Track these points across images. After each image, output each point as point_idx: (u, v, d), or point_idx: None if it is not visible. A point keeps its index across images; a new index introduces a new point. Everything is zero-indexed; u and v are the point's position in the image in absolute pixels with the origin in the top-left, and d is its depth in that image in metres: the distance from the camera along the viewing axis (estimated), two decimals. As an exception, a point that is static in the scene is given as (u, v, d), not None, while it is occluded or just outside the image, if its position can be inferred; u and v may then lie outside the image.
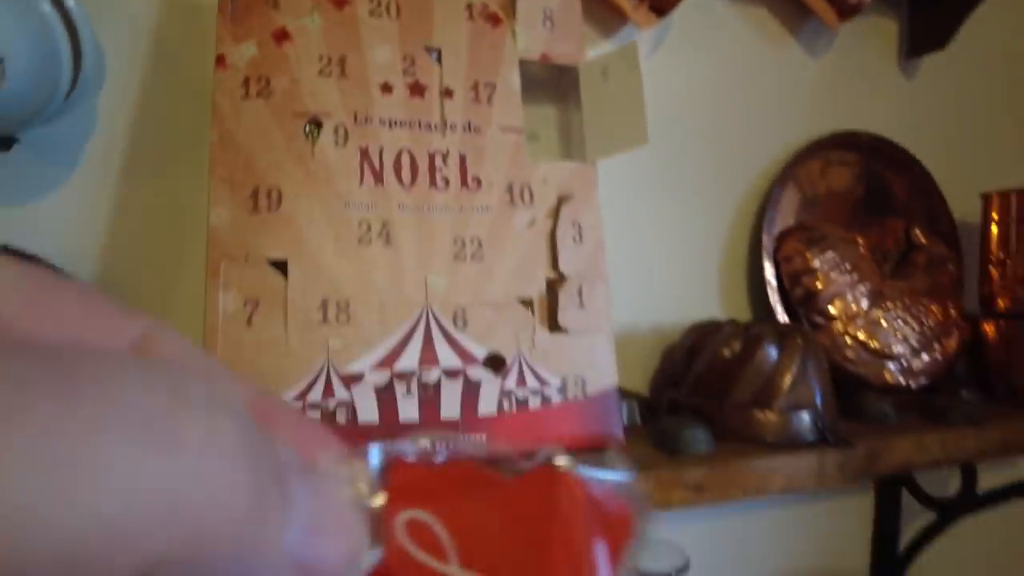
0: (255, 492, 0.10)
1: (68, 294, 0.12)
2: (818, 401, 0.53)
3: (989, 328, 0.68)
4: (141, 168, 0.51)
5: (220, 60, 0.44)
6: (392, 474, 0.13)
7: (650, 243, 0.65)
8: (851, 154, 0.73)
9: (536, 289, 0.47)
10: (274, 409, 0.13)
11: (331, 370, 0.42)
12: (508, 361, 0.45)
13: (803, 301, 0.64)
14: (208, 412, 0.10)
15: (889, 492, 0.76)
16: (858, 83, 0.73)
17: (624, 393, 0.58)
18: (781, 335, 0.55)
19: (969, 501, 0.67)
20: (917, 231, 0.71)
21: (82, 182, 0.51)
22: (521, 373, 0.46)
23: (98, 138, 0.51)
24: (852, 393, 0.61)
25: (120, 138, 0.51)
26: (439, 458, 0.14)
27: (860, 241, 0.69)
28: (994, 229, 0.68)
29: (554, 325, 0.47)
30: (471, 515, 0.13)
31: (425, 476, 0.13)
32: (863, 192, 0.74)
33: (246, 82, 0.44)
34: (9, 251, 0.51)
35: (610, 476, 0.14)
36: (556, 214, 0.48)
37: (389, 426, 0.42)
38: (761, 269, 0.65)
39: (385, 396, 0.43)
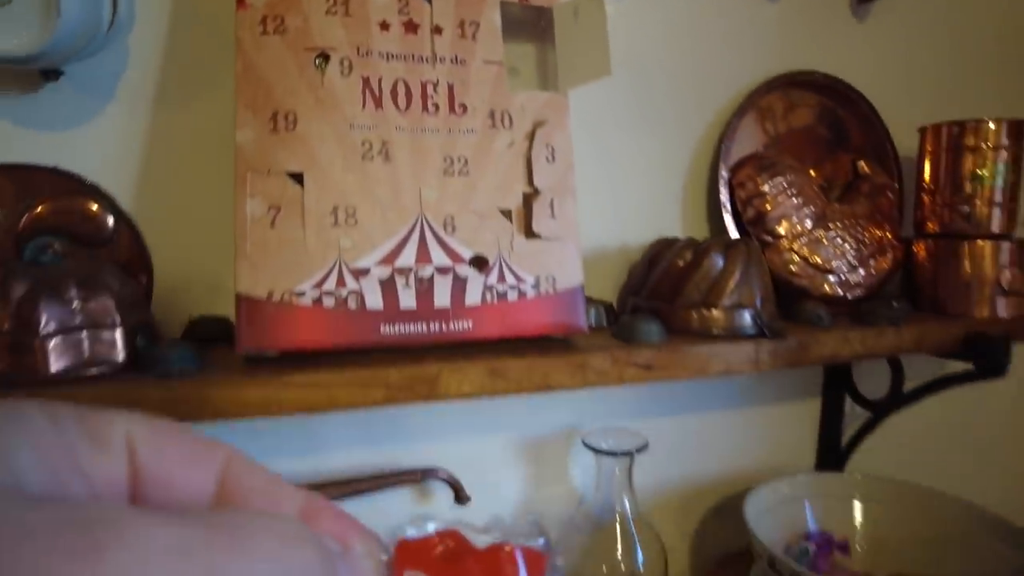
0: None
1: (172, 434, 0.18)
2: (758, 302, 0.62)
3: (919, 248, 0.76)
4: (170, 97, 0.59)
5: (240, 1, 0.51)
6: (398, 548, 0.23)
7: (619, 171, 0.73)
8: (810, 95, 0.80)
9: (514, 201, 0.55)
10: (317, 506, 0.20)
11: (342, 265, 0.50)
12: (490, 261, 0.54)
13: (754, 221, 0.72)
14: (301, 544, 0.16)
15: (834, 398, 0.86)
16: (813, 25, 0.80)
17: (593, 300, 0.66)
18: (727, 246, 0.63)
19: (897, 399, 0.77)
20: (862, 163, 0.79)
21: (118, 110, 0.58)
22: (501, 271, 0.54)
23: (130, 72, 0.58)
24: (795, 301, 0.70)
25: (151, 71, 0.58)
26: (430, 533, 0.24)
27: (810, 171, 0.78)
28: (927, 160, 0.76)
29: (529, 232, 0.55)
30: (452, 572, 0.23)
31: (420, 548, 0.23)
32: (825, 132, 0.82)
33: (264, 20, 0.51)
34: (58, 172, 0.58)
35: (534, 542, 0.24)
36: (532, 137, 0.56)
37: (391, 312, 0.51)
38: (718, 194, 0.74)
39: (388, 287, 0.51)
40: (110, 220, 0.59)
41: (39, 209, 0.58)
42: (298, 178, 0.50)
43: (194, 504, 0.18)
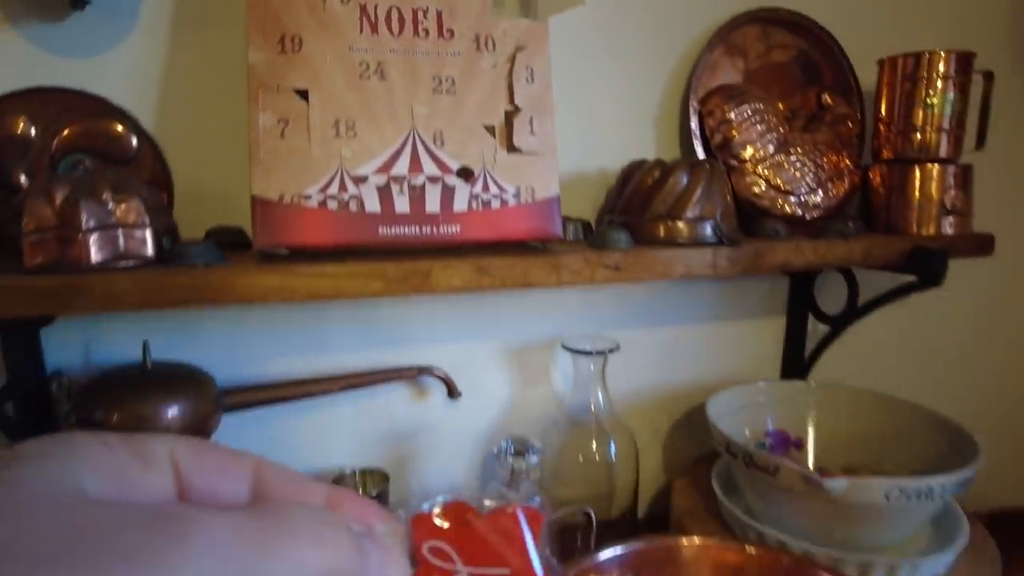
0: (358, 559, 0.19)
1: (208, 449, 0.20)
2: (718, 215, 0.69)
3: (874, 174, 0.83)
4: (187, 23, 0.65)
5: (249, -66, 0.57)
6: (415, 522, 0.27)
7: (598, 102, 0.79)
8: (788, 36, 0.86)
9: (497, 118, 0.61)
10: (339, 495, 0.22)
11: (344, 172, 0.57)
12: (476, 172, 0.60)
13: (721, 147, 0.78)
14: (335, 528, 0.19)
15: (797, 314, 0.93)
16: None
17: (572, 219, 0.73)
18: (692, 165, 0.70)
19: (852, 312, 0.84)
20: (826, 94, 0.85)
21: (140, 36, 0.64)
22: (485, 182, 0.61)
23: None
24: (756, 219, 0.76)
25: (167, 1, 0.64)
26: (440, 503, 0.28)
27: (777, 102, 0.84)
28: (884, 90, 0.82)
29: (511, 146, 0.62)
30: (465, 537, 0.27)
31: (432, 519, 0.27)
32: (798, 70, 0.87)
33: (270, -48, 0.57)
34: (86, 95, 0.64)
35: (532, 500, 0.29)
36: (513, 60, 0.62)
37: (388, 215, 0.58)
38: (689, 122, 0.80)
39: (384, 193, 0.58)
40: (134, 140, 0.66)
41: (69, 130, 0.65)
42: (304, 94, 0.57)
43: (234, 507, 0.20)
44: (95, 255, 0.54)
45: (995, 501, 1.00)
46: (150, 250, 0.56)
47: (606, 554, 0.61)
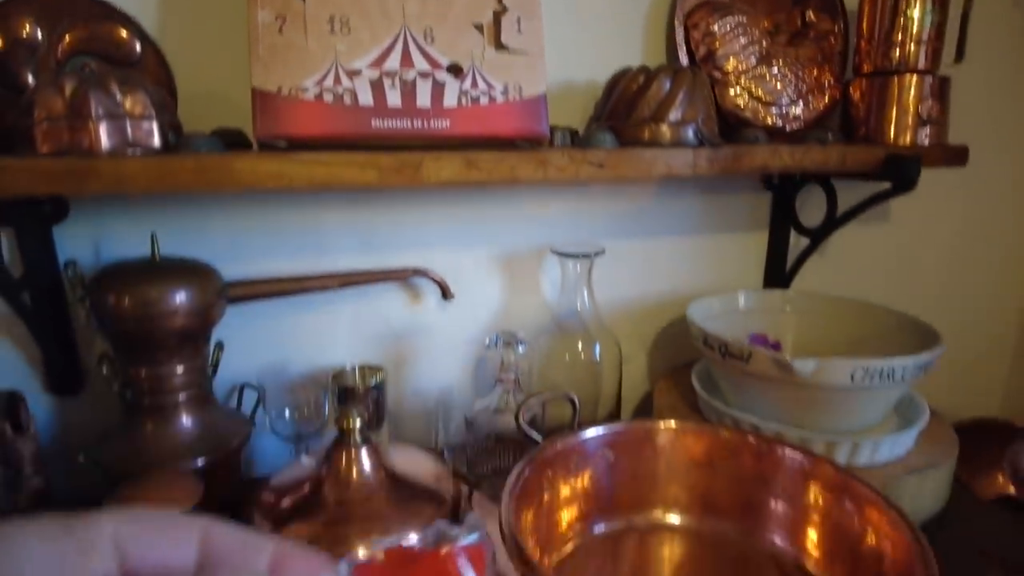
0: None
1: (154, 522, 0.21)
2: (700, 119, 0.72)
3: (855, 89, 0.85)
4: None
5: None
6: (357, 572, 0.28)
7: (587, 13, 0.81)
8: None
9: (485, 17, 0.64)
10: (284, 551, 0.22)
11: (338, 66, 0.60)
12: (465, 69, 0.63)
13: (705, 58, 0.81)
14: None
15: (780, 229, 0.96)
16: None
17: (560, 127, 0.76)
18: (675, 71, 0.72)
19: (832, 222, 0.88)
20: (810, 11, 0.87)
21: (140, -58, 0.66)
22: (474, 78, 0.63)
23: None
24: (738, 129, 0.79)
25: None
26: (381, 549, 0.29)
27: (763, 19, 0.86)
28: (866, 6, 0.84)
29: (499, 45, 0.64)
30: None
31: (373, 568, 0.29)
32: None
33: None
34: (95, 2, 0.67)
35: (472, 535, 0.30)
36: (501, -39, 0.64)
37: (380, 108, 0.61)
38: (675, 35, 0.82)
39: (377, 87, 0.61)
40: (138, 45, 0.68)
41: (73, 34, 0.67)
42: (300, -8, 0.59)
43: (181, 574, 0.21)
44: (104, 142, 0.57)
45: (968, 411, 1.05)
46: (156, 141, 0.59)
47: (588, 433, 0.65)
